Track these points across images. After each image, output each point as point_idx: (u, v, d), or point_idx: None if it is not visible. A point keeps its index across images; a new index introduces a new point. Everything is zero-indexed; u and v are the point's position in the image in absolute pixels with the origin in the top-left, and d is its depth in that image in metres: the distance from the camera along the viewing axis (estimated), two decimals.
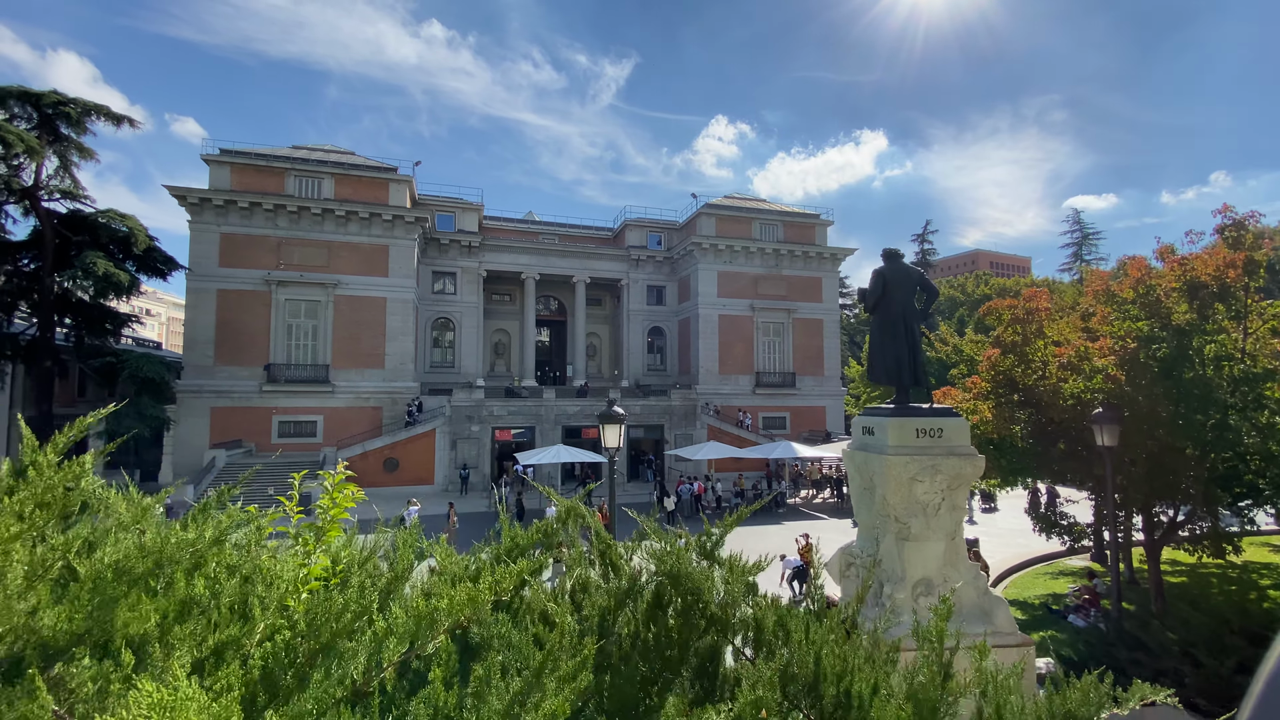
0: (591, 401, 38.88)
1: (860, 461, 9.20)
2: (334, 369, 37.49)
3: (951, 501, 8.64)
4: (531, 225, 51.22)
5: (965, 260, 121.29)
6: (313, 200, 37.35)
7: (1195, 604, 14.41)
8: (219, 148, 37.18)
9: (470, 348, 44.50)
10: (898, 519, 8.60)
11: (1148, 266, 12.22)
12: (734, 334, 45.21)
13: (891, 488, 8.52)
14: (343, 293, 38.06)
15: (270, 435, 36.27)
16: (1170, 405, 10.81)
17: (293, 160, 38.43)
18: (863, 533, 9.56)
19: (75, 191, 30.43)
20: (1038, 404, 12.49)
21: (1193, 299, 11.33)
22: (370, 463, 34.69)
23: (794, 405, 46.04)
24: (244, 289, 36.29)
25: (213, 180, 36.47)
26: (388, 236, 39.11)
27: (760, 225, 47.09)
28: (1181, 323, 11.14)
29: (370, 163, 40.72)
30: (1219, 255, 11.53)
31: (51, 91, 28.45)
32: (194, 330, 35.40)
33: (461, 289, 44.52)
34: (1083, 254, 56.01)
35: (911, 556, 8.49)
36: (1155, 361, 11.03)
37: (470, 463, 35.95)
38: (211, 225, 35.89)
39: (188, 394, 34.42)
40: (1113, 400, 11.15)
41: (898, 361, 8.98)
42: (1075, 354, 11.77)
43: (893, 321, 9.05)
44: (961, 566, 8.64)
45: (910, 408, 8.96)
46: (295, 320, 37.23)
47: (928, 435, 8.65)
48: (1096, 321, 12.76)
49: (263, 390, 35.96)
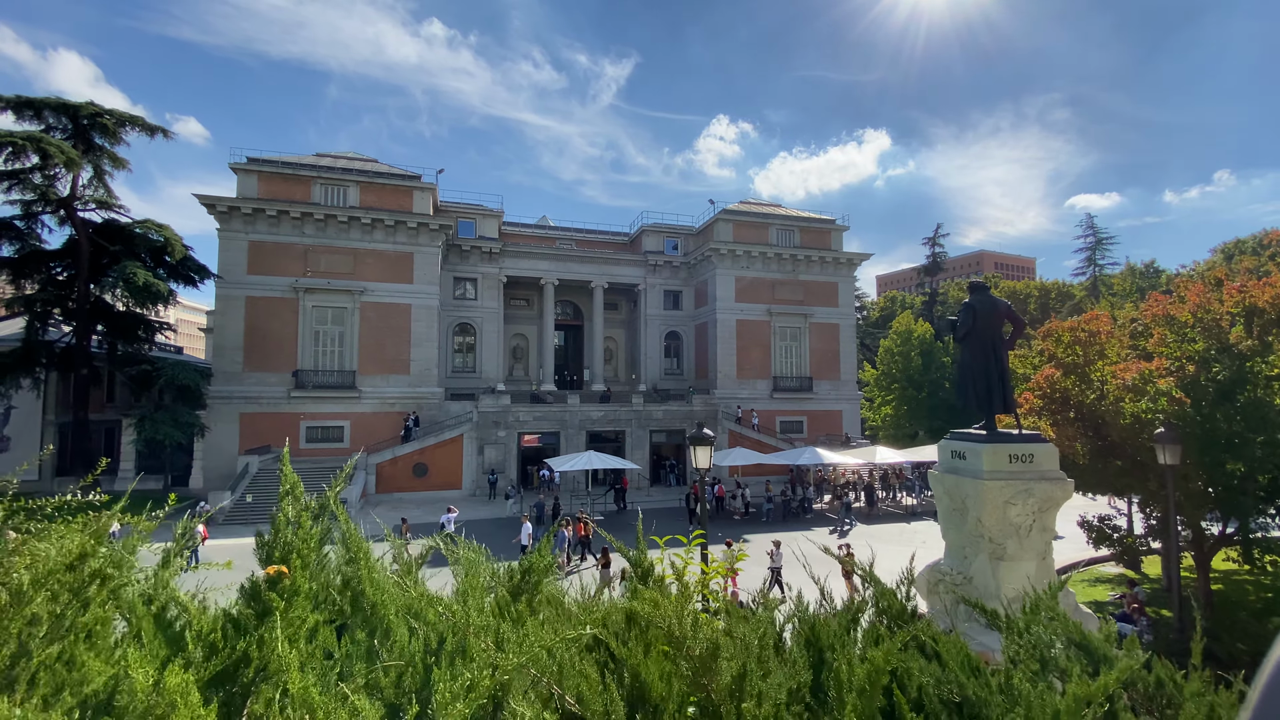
0: (615, 407, 39.38)
1: (951, 484, 9.71)
2: (360, 375, 37.89)
3: (1042, 523, 9.16)
4: (549, 231, 51.64)
5: (970, 261, 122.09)
6: (339, 208, 37.74)
7: (1234, 612, 14.95)
8: (246, 156, 37.51)
9: (491, 353, 44.92)
10: (992, 540, 9.11)
11: (1206, 292, 12.77)
12: (751, 338, 45.73)
13: (987, 510, 9.03)
14: (369, 299, 38.45)
15: (299, 440, 36.66)
16: (1227, 425, 11.38)
17: (318, 168, 38.79)
18: (950, 551, 10.07)
19: (109, 201, 30.80)
20: (1096, 422, 13.04)
21: (1250, 324, 11.91)
22: (400, 468, 35.16)
23: (811, 409, 46.59)
24: (272, 296, 36.67)
25: (240, 188, 36.81)
26: (412, 244, 39.52)
27: (776, 230, 47.61)
28: (1243, 348, 11.71)
29: (394, 170, 41.10)
30: (1277, 283, 12.08)
31: (89, 103, 28.80)
32: (223, 337, 35.76)
33: (482, 295, 44.92)
34: (1096, 258, 56.69)
35: (1006, 575, 9.00)
36: (1214, 384, 11.61)
37: (497, 468, 36.40)
38: (240, 233, 36.24)
39: (217, 400, 34.79)
40: (1173, 420, 11.71)
41: (989, 390, 9.46)
42: (1139, 376, 12.33)
43: (984, 352, 9.54)
44: (1051, 585, 9.15)
45: (1002, 434, 9.46)
46: (322, 327, 37.63)
47: (1020, 460, 9.16)
48: (1154, 344, 13.31)
49: (291, 396, 36.35)
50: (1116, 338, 13.85)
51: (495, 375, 44.56)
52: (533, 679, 1.85)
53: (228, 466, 34.90)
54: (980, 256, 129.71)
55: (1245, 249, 61.52)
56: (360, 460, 33.94)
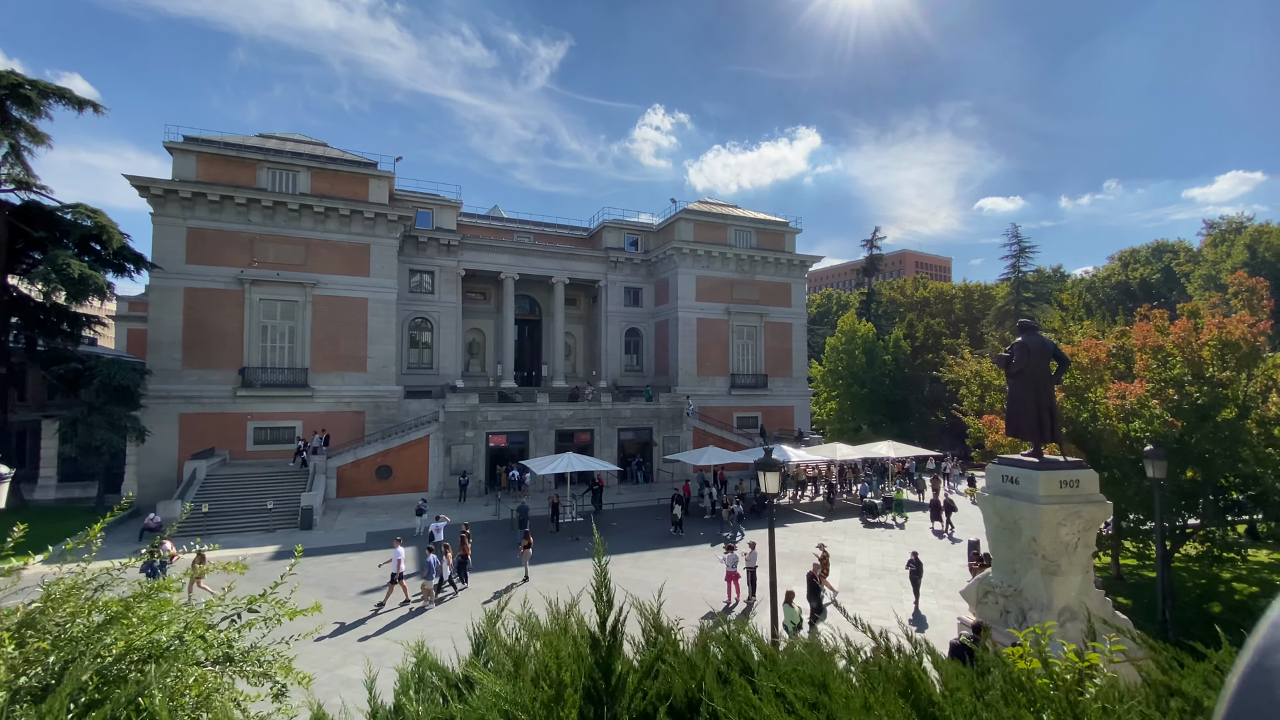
0: (584, 406, 39.35)
1: (1003, 506, 10.68)
2: (313, 372, 35.96)
3: (1085, 541, 10.27)
4: (505, 224, 50.54)
5: (894, 259, 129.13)
6: (289, 195, 35.43)
7: (1182, 596, 17.06)
8: (183, 134, 34.50)
9: (449, 348, 43.64)
10: (1045, 557, 10.14)
11: (1191, 326, 14.60)
12: (711, 337, 46.79)
13: (1043, 531, 10.04)
14: (322, 292, 36.45)
15: (245, 442, 34.47)
16: (1205, 443, 13.12)
17: (264, 151, 36.20)
18: (999, 565, 11.07)
19: (29, 181, 27.58)
20: (1086, 439, 14.61)
21: (1225, 355, 13.76)
22: (363, 471, 33.76)
23: (766, 405, 48.32)
24: (214, 287, 34.07)
25: (177, 170, 33.83)
26: (369, 235, 37.72)
27: (734, 231, 48.77)
28: (1221, 377, 13.52)
29: (348, 156, 38.95)
30: (1249, 319, 13.96)
31: (9, 72, 25.59)
32: (159, 331, 32.91)
33: (440, 288, 43.49)
34: (1020, 265, 61.71)
35: (1058, 588, 10.06)
36: (1194, 408, 13.35)
37: (466, 468, 35.63)
38: (177, 219, 33.36)
39: (154, 400, 32.07)
40: (1159, 439, 13.35)
41: (1039, 422, 10.46)
42: (1137, 401, 13.93)
43: (1034, 387, 10.52)
44: (1092, 594, 10.32)
45: (1052, 461, 10.49)
46: (271, 321, 35.36)
47: (1069, 485, 10.22)
48: (1139, 368, 15.02)
49: (237, 395, 34.03)
50: (1106, 364, 15.54)
51: (453, 372, 43.40)
52: None
53: (166, 472, 32.36)
54: (903, 256, 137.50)
55: (1140, 258, 68.66)
56: (320, 464, 32.36)
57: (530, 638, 3.56)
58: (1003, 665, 3.03)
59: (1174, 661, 3.08)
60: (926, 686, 2.82)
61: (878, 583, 20.15)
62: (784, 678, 3.08)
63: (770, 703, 2.64)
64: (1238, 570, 17.63)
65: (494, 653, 3.69)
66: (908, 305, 71.85)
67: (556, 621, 3.64)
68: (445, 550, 19.11)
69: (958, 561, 22.28)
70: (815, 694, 2.72)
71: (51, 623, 3.75)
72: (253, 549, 23.97)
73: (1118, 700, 2.72)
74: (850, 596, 18.92)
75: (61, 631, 3.66)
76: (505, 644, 3.78)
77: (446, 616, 17.01)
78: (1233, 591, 16.99)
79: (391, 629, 16.21)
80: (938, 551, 23.86)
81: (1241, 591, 16.90)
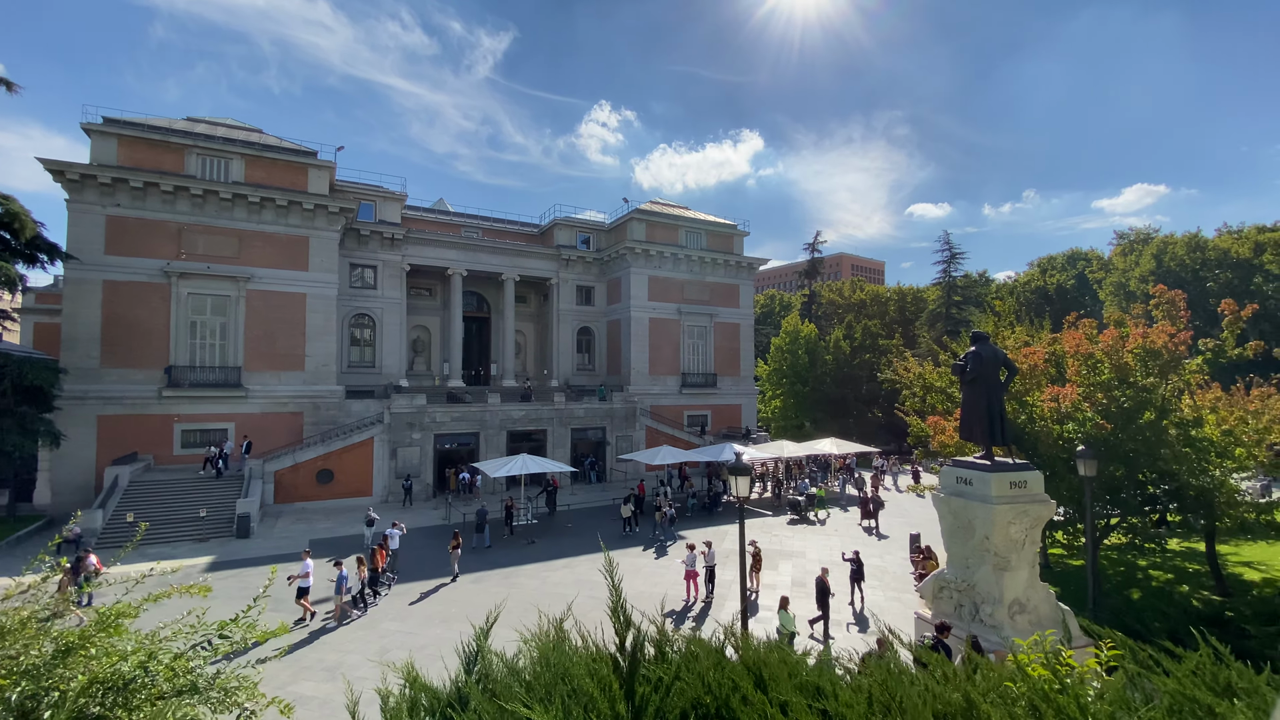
0: (536, 406, 38.93)
1: (958, 506, 11.30)
2: (247, 371, 34.11)
3: (1032, 537, 11.00)
4: (454, 218, 49.29)
5: (833, 262, 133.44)
6: (221, 184, 33.42)
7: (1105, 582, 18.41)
8: (102, 115, 31.97)
9: (393, 346, 42.24)
10: (997, 553, 10.80)
11: (1118, 335, 15.83)
12: (663, 336, 47.16)
13: (995, 529, 10.69)
14: (256, 287, 34.59)
15: (172, 446, 32.39)
16: (1130, 443, 14.30)
17: (194, 135, 34.00)
18: (953, 562, 11.71)
19: None
20: (1024, 440, 15.63)
21: (1148, 362, 15.01)
22: (302, 475, 32.33)
23: (715, 404, 49.12)
24: (137, 280, 31.82)
25: (95, 154, 31.35)
26: (308, 227, 36.05)
27: (686, 233, 49.28)
28: (1145, 383, 14.74)
29: (286, 144, 37.04)
30: (1170, 330, 15.25)
31: None
32: (75, 327, 30.47)
33: (383, 284, 42.01)
34: (950, 270, 64.98)
35: (1008, 583, 10.74)
36: (1120, 410, 14.51)
37: (412, 472, 34.63)
38: (96, 206, 30.96)
39: (69, 401, 29.68)
40: (1090, 440, 14.44)
41: (990, 426, 11.12)
42: (1072, 405, 14.99)
43: (986, 393, 11.18)
44: (1038, 587, 11.07)
45: (1003, 463, 11.17)
46: (200, 317, 33.31)
47: (1018, 486, 10.91)
48: (1071, 373, 16.17)
49: (162, 396, 31.90)
50: (1043, 370, 16.68)
51: (397, 371, 42.05)
52: None
53: (83, 478, 30.07)
54: (841, 258, 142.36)
55: (1057, 265, 73.56)
56: (256, 468, 30.77)
57: (542, 664, 3.54)
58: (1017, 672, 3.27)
59: (1151, 660, 3.42)
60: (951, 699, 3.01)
61: (828, 577, 20.84)
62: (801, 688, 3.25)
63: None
64: (1153, 559, 19.29)
65: (495, 675, 3.65)
66: (846, 307, 74.47)
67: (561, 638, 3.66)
68: (360, 562, 18.04)
69: (899, 555, 23.34)
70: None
71: (4, 655, 3.49)
72: (185, 560, 22.60)
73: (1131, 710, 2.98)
74: (802, 590, 19.53)
75: (14, 665, 3.42)
76: (514, 667, 3.77)
77: (349, 637, 16.50)
78: (1150, 578, 18.58)
79: (308, 644, 15.53)
80: (870, 547, 24.57)
81: (1158, 578, 18.52)
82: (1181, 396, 15.67)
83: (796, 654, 3.57)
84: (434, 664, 8.43)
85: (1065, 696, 2.83)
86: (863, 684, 3.25)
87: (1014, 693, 3.00)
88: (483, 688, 3.46)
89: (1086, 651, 12.18)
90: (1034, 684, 2.94)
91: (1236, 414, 16.50)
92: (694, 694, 3.02)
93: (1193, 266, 56.56)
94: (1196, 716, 2.79)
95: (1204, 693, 2.88)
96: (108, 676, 3.55)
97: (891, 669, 3.38)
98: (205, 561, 22.74)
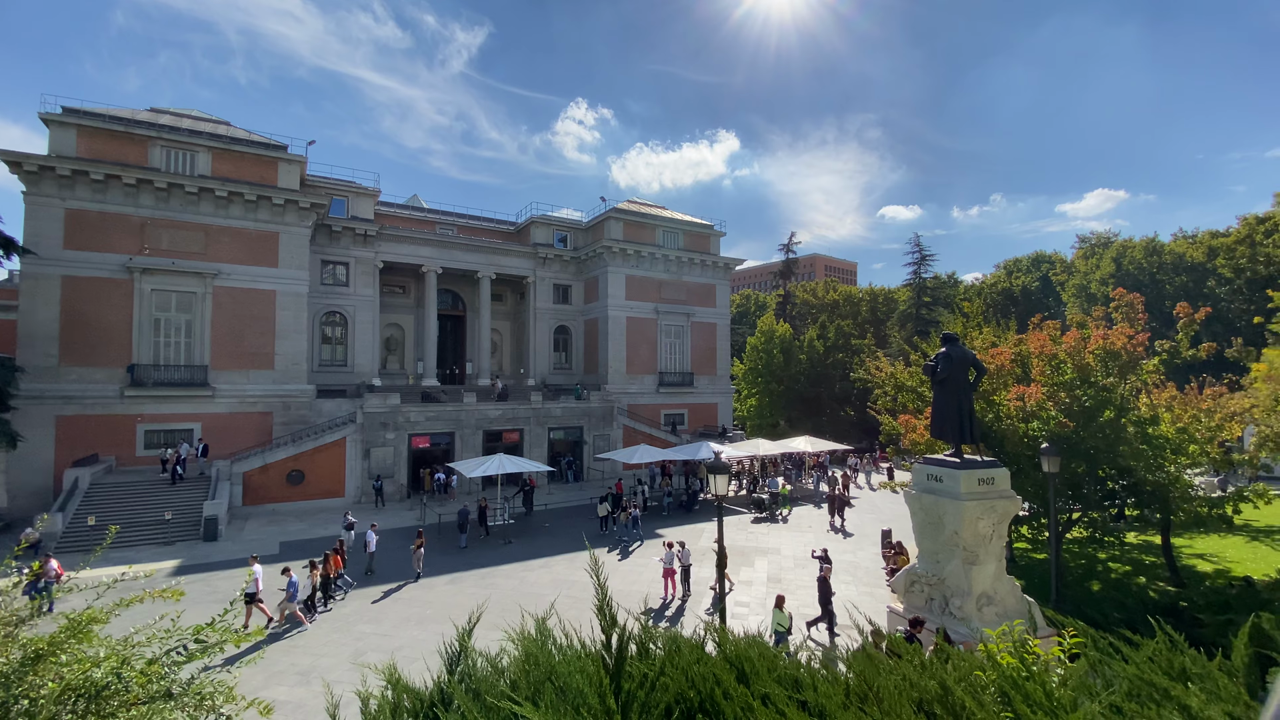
0: (513, 405, 38.71)
1: (929, 503, 11.61)
2: (214, 370, 33.30)
3: (999, 532, 11.36)
4: (429, 214, 48.74)
5: (807, 262, 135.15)
6: (186, 176, 32.55)
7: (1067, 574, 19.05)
8: (61, 105, 30.88)
9: (365, 344, 41.60)
10: (966, 548, 11.13)
11: (1080, 336, 16.40)
12: (640, 335, 47.27)
13: (964, 525, 11.02)
14: (224, 284, 33.79)
15: (135, 447, 31.46)
16: (1091, 440, 14.85)
17: (158, 127, 33.04)
18: (924, 557, 12.03)
19: None
20: (991, 438, 16.11)
21: (1108, 363, 15.58)
22: (272, 476, 31.68)
23: (691, 403, 49.41)
24: (99, 276, 30.84)
25: (54, 145, 30.28)
26: (278, 222, 35.31)
27: (663, 232, 49.45)
28: (1105, 382, 15.31)
29: (255, 138, 36.21)
30: (1129, 332, 15.84)
31: None
32: (32, 324, 29.41)
33: (355, 281, 41.33)
34: (921, 271, 66.30)
35: (976, 576, 11.07)
36: (1083, 409, 15.06)
37: (385, 472, 34.18)
38: (54, 199, 29.92)
39: (26, 401, 28.63)
40: (1054, 438, 14.96)
41: (960, 425, 11.45)
42: (1036, 404, 15.50)
43: (955, 393, 11.50)
44: (1004, 580, 11.43)
45: (971, 461, 11.51)
46: (165, 314, 32.41)
47: (986, 483, 11.26)
48: (1036, 373, 16.71)
49: (125, 395, 30.97)
50: (1009, 370, 17.19)
51: (369, 369, 41.43)
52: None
53: (42, 481, 29.09)
54: (814, 259, 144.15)
55: (1022, 267, 75.58)
56: (224, 469, 30.08)
57: (530, 663, 3.61)
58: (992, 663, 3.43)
59: (1111, 648, 3.63)
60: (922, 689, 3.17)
61: (803, 572, 21.18)
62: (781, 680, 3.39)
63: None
64: (1112, 552, 20.03)
65: (480, 674, 3.70)
66: (820, 307, 75.52)
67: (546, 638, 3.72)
68: (312, 567, 17.52)
69: (871, 550, 23.80)
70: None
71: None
72: (150, 564, 22.01)
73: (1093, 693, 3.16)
74: (778, 586, 19.82)
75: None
76: (499, 666, 3.82)
77: (322, 640, 16.34)
78: (1109, 571, 19.30)
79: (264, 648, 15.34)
80: (836, 544, 24.93)
81: (1117, 570, 19.25)
82: (1139, 396, 16.35)
83: (774, 649, 3.70)
84: (413, 665, 8.42)
85: (1032, 683, 2.99)
86: (840, 675, 3.40)
87: (984, 680, 3.16)
88: (466, 687, 3.52)
89: (1051, 640, 12.69)
90: (1003, 671, 3.10)
91: (1190, 412, 17.24)
92: (678, 688, 3.11)
93: (1150, 270, 58.64)
94: (1153, 699, 2.97)
95: (1160, 677, 3.07)
96: (80, 684, 3.50)
97: (869, 658, 3.54)
98: (171, 565, 22.18)
